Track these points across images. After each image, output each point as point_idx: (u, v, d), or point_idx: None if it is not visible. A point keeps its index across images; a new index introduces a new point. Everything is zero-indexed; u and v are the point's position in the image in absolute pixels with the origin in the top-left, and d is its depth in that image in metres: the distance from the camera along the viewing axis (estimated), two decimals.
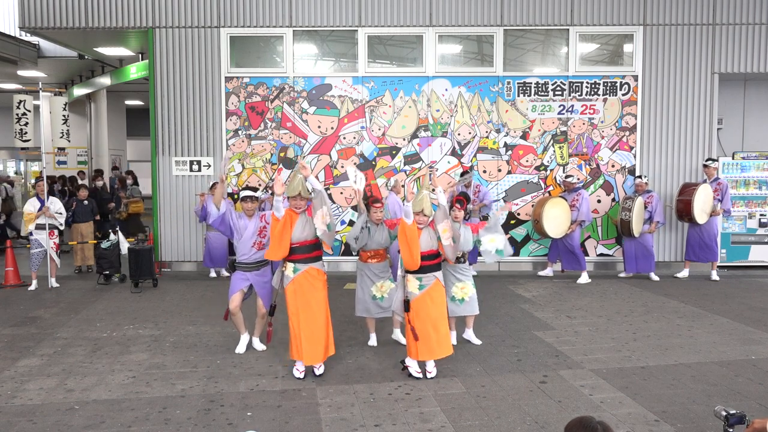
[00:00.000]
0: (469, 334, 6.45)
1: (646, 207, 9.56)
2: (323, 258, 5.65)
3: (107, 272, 9.51)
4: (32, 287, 9.10)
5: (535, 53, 10.63)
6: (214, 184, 9.74)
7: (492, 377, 5.35)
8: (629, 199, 9.63)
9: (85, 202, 10.48)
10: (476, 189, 9.82)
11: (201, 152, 10.29)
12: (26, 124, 10.04)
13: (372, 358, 5.89)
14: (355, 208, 10.27)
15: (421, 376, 5.34)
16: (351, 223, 10.28)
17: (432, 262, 5.46)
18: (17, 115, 10.03)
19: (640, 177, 9.71)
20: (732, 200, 10.06)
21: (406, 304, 5.34)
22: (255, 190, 6.22)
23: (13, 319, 7.40)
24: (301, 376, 5.35)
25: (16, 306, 8.10)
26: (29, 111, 10.10)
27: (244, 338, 6.17)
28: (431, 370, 5.39)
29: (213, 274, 10.03)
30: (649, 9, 10.19)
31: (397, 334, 6.42)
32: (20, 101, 9.96)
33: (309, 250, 5.43)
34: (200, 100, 10.23)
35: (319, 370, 5.42)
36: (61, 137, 10.24)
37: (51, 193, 10.46)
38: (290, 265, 5.37)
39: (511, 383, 5.20)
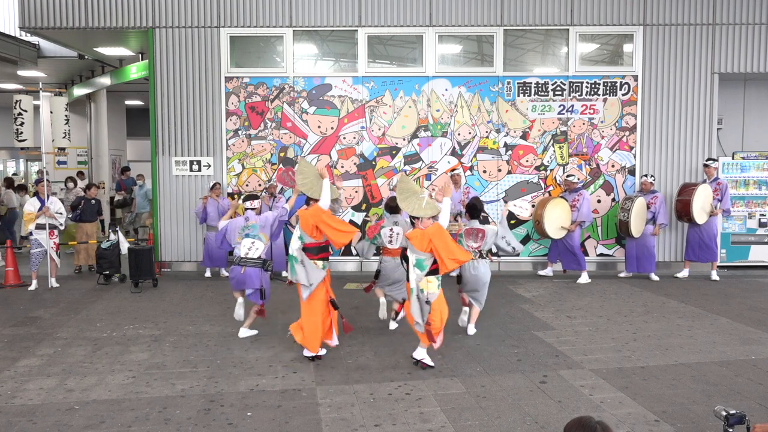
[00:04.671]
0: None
1: (649, 207, 9.55)
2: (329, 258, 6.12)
3: (107, 272, 9.51)
4: (32, 287, 9.10)
5: (535, 53, 10.63)
6: (214, 185, 9.76)
7: (492, 377, 5.35)
8: (628, 199, 9.63)
9: (93, 201, 10.47)
10: (465, 190, 9.85)
11: (201, 152, 10.28)
12: (22, 124, 9.99)
13: (372, 358, 5.90)
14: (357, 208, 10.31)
15: (433, 364, 5.56)
16: (351, 223, 10.27)
17: None
18: (14, 114, 10.01)
19: (646, 176, 9.71)
20: (732, 200, 10.06)
21: (428, 305, 5.42)
22: (256, 197, 6.70)
23: (13, 319, 7.40)
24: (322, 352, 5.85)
25: (16, 306, 8.10)
26: (25, 111, 10.06)
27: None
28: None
29: (208, 274, 10.00)
30: (649, 9, 10.19)
31: (392, 324, 6.88)
32: (17, 101, 9.94)
33: (316, 252, 5.83)
34: (200, 100, 10.22)
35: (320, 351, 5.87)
36: (63, 137, 10.23)
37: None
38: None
39: (511, 383, 5.20)
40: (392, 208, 6.63)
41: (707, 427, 4.32)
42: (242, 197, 6.52)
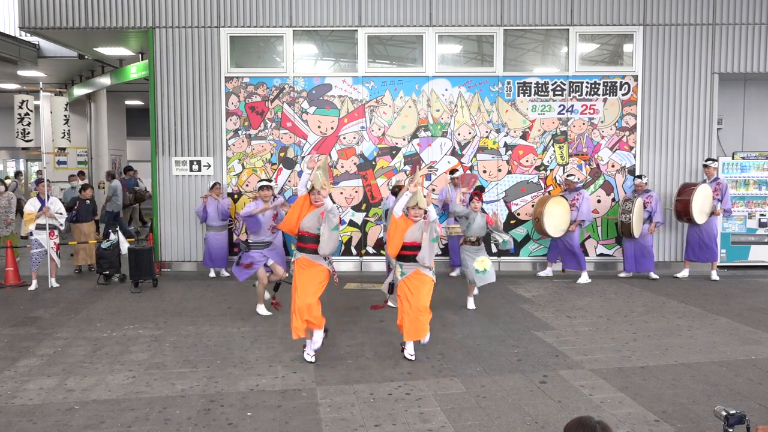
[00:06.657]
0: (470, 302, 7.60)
1: (645, 207, 9.56)
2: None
3: (107, 272, 9.51)
4: (32, 287, 9.09)
5: (535, 53, 10.63)
6: (214, 185, 9.75)
7: (492, 377, 5.35)
8: (629, 200, 9.63)
9: (87, 201, 10.51)
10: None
11: (201, 152, 10.28)
12: (29, 124, 10.05)
13: (372, 358, 5.90)
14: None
15: (413, 359, 5.74)
16: (351, 223, 10.28)
17: (414, 252, 5.82)
18: (20, 115, 10.02)
19: (639, 177, 9.72)
20: (732, 200, 10.05)
21: (391, 287, 6.15)
22: (270, 181, 7.65)
23: (13, 319, 7.40)
24: (312, 360, 5.71)
25: (16, 306, 8.10)
26: (32, 111, 10.12)
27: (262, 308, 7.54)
28: (411, 352, 5.79)
29: (212, 274, 10.02)
30: (649, 9, 10.19)
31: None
32: (23, 101, 9.96)
33: (310, 242, 5.81)
34: (200, 100, 10.22)
35: (311, 347, 5.78)
36: (63, 137, 10.24)
37: None
38: (297, 252, 5.92)
39: (511, 383, 5.20)
40: (396, 194, 7.48)
41: (707, 427, 4.32)
42: (258, 183, 7.44)
